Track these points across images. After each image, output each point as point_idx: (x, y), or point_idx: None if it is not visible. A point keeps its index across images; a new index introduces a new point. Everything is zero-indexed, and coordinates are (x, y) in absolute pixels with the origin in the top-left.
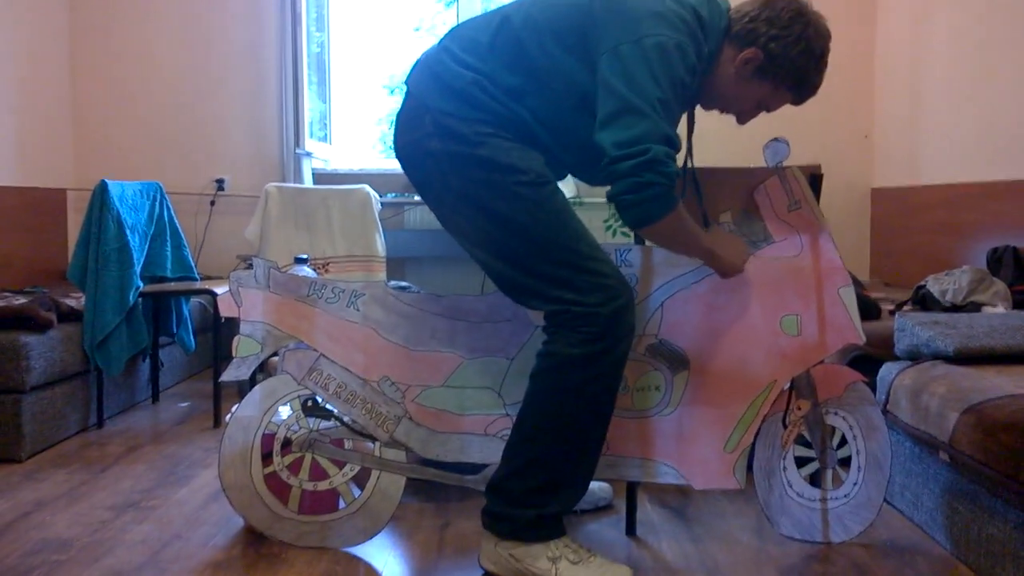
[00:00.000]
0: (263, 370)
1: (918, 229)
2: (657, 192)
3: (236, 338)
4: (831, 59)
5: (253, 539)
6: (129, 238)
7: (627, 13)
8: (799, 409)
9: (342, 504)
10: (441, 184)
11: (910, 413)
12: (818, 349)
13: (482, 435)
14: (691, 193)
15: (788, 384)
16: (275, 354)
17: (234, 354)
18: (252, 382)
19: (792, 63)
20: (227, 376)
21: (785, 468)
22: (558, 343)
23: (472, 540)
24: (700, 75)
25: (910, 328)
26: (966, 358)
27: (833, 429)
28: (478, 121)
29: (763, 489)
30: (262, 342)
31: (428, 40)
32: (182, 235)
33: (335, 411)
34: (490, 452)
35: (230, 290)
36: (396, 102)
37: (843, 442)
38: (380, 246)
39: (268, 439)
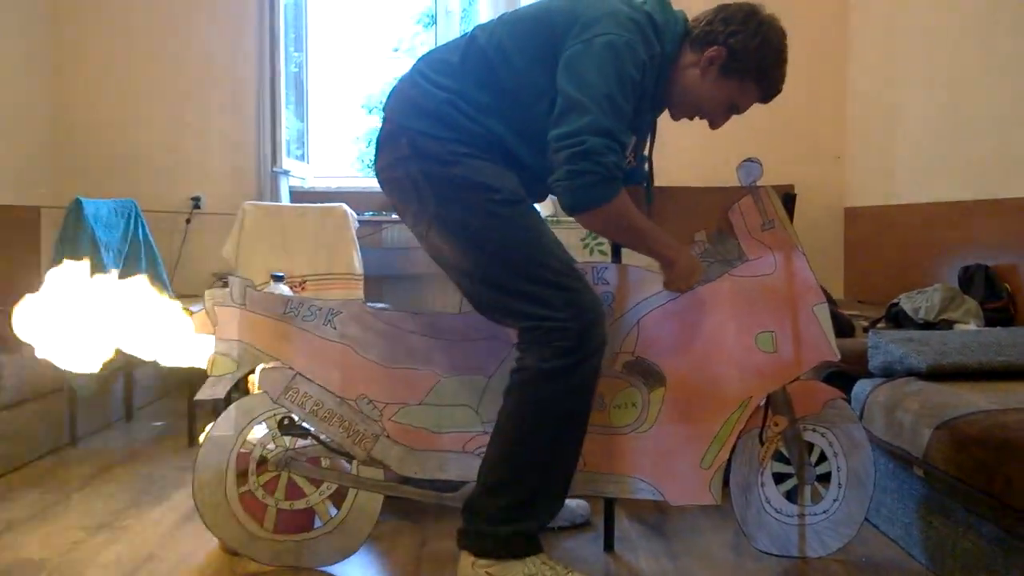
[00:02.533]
0: (239, 389)
1: (891, 247)
2: (589, 180)
3: (211, 356)
4: (805, 79)
5: (228, 560)
6: (104, 256)
7: (582, 17)
8: (776, 425)
9: (318, 523)
10: (418, 203)
11: (884, 429)
12: (793, 366)
13: (460, 452)
14: (641, 201)
15: (764, 401)
16: (252, 372)
17: (209, 372)
18: (227, 401)
19: (753, 56)
20: (202, 395)
21: (763, 484)
22: (530, 357)
23: (450, 559)
24: (657, 78)
25: (884, 345)
26: (939, 375)
27: (811, 446)
28: (452, 140)
29: (740, 505)
30: (237, 360)
31: (406, 61)
32: (157, 253)
33: (311, 429)
34: (468, 469)
35: (205, 308)
36: (374, 122)
37: (823, 458)
38: (358, 264)
39: (243, 458)
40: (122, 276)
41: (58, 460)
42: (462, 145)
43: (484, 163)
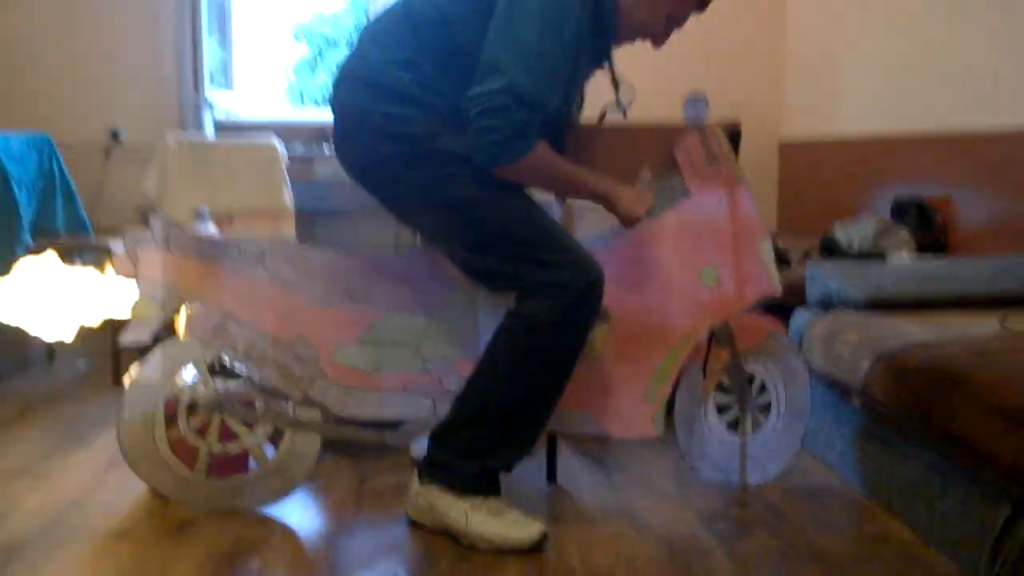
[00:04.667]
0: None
1: (825, 182)
2: (497, 137)
3: (134, 299)
4: (743, 10)
5: (158, 505)
6: (16, 193)
7: None
8: (718, 359)
9: (254, 465)
10: (401, 187)
11: (822, 360)
12: (737, 301)
13: (400, 391)
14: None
15: (708, 334)
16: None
17: (132, 316)
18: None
19: None
20: (125, 339)
21: (705, 415)
22: (530, 306)
23: (390, 496)
24: (597, 19)
25: (821, 277)
26: (876, 306)
27: (752, 377)
28: (425, 121)
29: (683, 436)
30: (162, 303)
31: None
32: (74, 189)
33: (244, 371)
34: (409, 408)
35: (126, 250)
36: (303, 50)
37: (763, 389)
38: (288, 199)
39: (171, 403)
40: (38, 214)
41: None
42: (434, 123)
43: (459, 136)
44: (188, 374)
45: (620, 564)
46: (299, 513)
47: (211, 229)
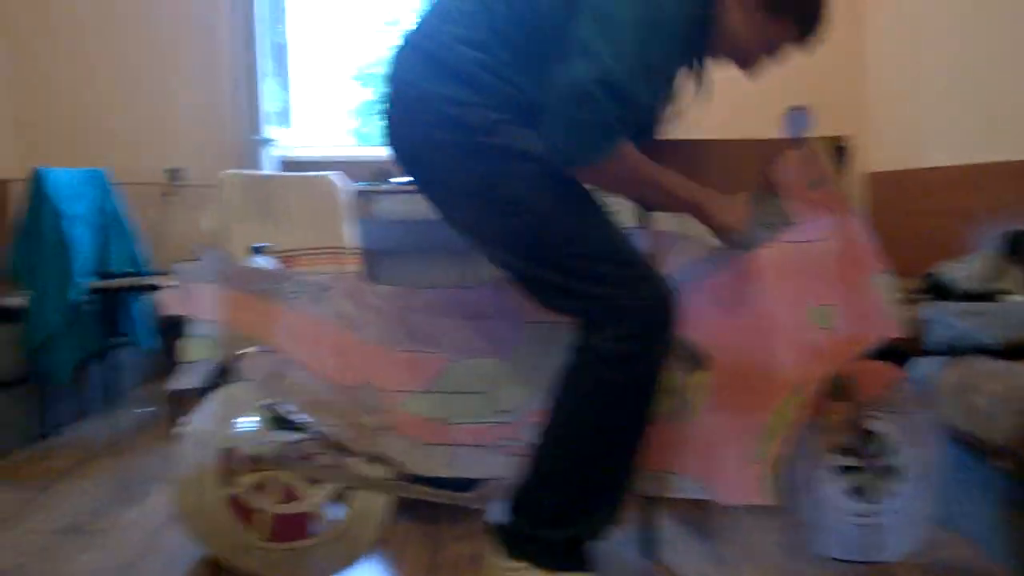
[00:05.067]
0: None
1: (922, 214)
2: (581, 132)
3: (184, 340)
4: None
5: (216, 570)
6: (67, 231)
7: None
8: (836, 413)
9: (317, 529)
10: (451, 179)
11: (955, 415)
12: (853, 343)
13: (474, 446)
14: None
15: (823, 385)
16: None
17: (182, 359)
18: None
19: None
20: (176, 384)
21: (822, 480)
22: (593, 337)
23: (466, 564)
24: (699, 20)
25: (945, 319)
26: (1016, 351)
27: (875, 434)
28: (488, 107)
29: (796, 503)
30: (215, 345)
31: (398, 32)
32: (129, 228)
33: (306, 422)
34: (484, 465)
35: (178, 286)
36: (367, 94)
37: (888, 449)
38: (350, 236)
39: (227, 456)
40: (96, 252)
41: (28, 455)
42: (497, 110)
43: (524, 130)
44: (246, 425)
45: None
46: None
47: (268, 263)
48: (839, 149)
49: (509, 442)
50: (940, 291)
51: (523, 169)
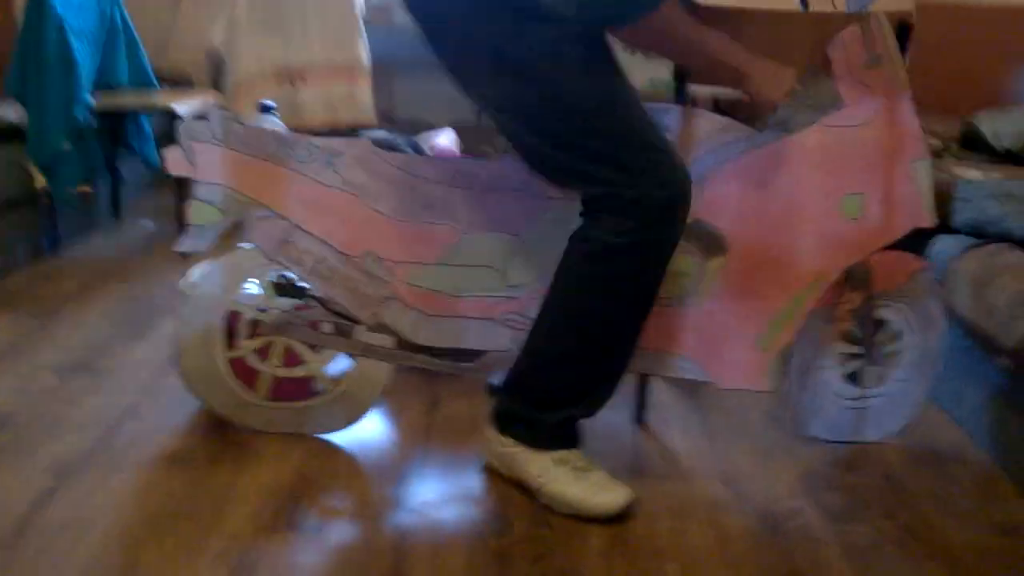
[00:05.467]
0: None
1: (968, 55)
2: None
3: (190, 203)
4: None
5: (217, 421)
6: (75, 46)
7: None
8: (848, 303)
9: (318, 389)
10: (469, 47)
11: (970, 307)
12: (881, 234)
13: (481, 319)
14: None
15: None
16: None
17: (189, 221)
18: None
19: None
20: (184, 246)
21: (823, 367)
22: (600, 228)
23: (463, 424)
24: None
25: (977, 199)
26: None
27: (884, 322)
28: None
29: (795, 388)
30: (222, 208)
31: None
32: (138, 39)
33: (310, 290)
34: (490, 337)
35: (180, 144)
36: None
37: (894, 337)
38: (364, 53)
39: (232, 319)
40: (100, 67)
41: (36, 273)
42: None
43: None
44: (251, 289)
45: (716, 545)
46: (365, 442)
47: (277, 124)
48: (903, 26)
49: (516, 316)
50: (976, 144)
51: (543, 33)
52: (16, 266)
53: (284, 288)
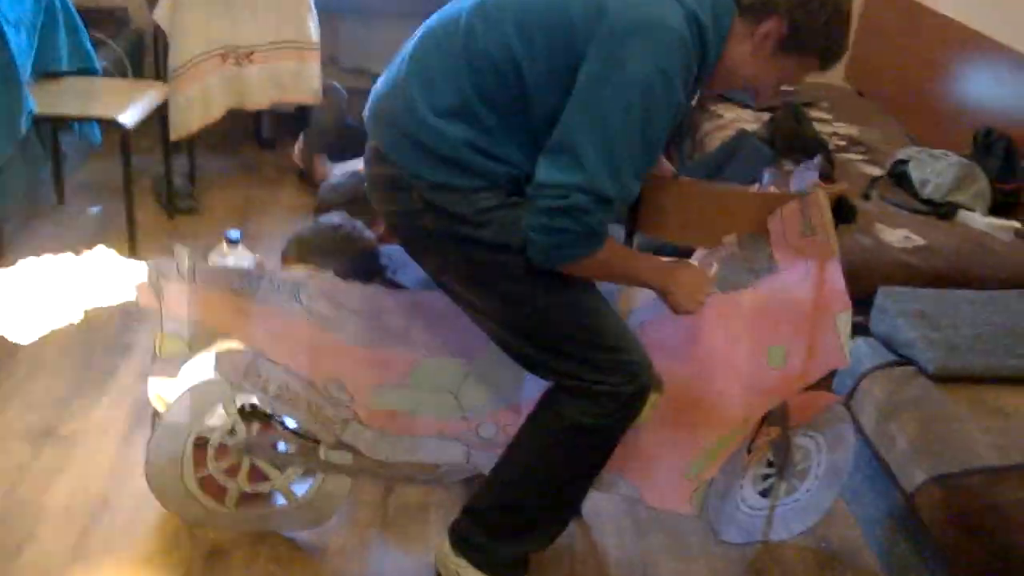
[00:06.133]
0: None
1: (914, 51)
2: (566, 239)
3: (158, 335)
4: None
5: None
6: (12, 41)
7: (611, 18)
8: (767, 435)
9: (284, 501)
10: (440, 260)
11: (876, 432)
12: (801, 378)
13: (436, 436)
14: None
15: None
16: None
17: (158, 353)
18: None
19: (819, 32)
20: (155, 375)
21: (741, 487)
22: (570, 408)
23: (418, 513)
24: (691, 86)
25: (891, 318)
26: (946, 378)
27: (796, 448)
28: (475, 190)
29: (714, 506)
30: (189, 341)
31: None
32: (76, 16)
33: (274, 413)
34: (443, 453)
35: (149, 281)
36: None
37: (805, 459)
38: (313, 28)
39: (200, 443)
40: (39, 54)
41: None
42: (488, 195)
43: (515, 211)
44: (216, 414)
45: None
46: (324, 535)
47: (242, 259)
48: (842, 203)
49: (470, 434)
50: (902, 183)
51: (515, 261)
52: None
53: (249, 413)
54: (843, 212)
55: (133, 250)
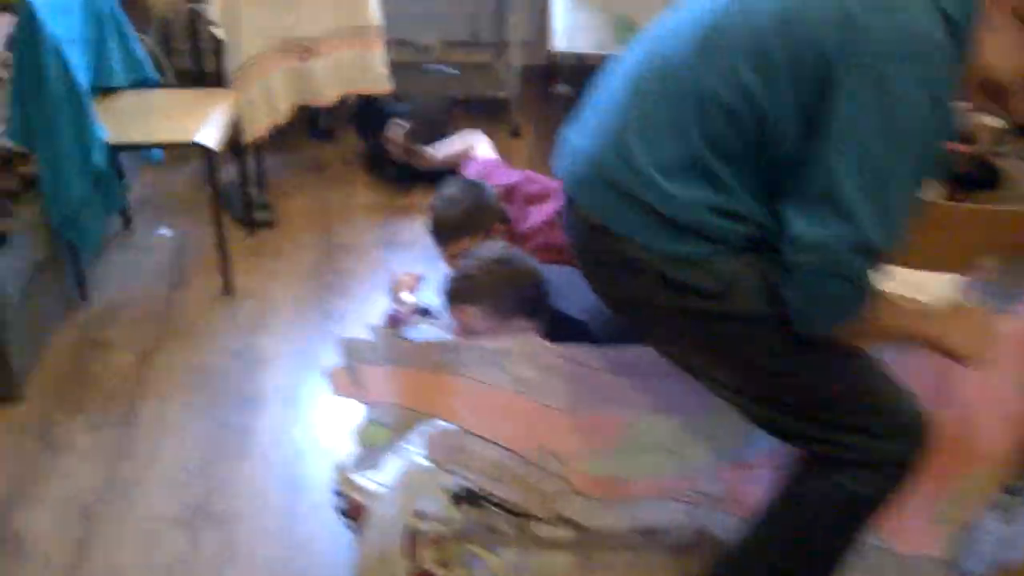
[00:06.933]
0: None
1: None
2: (837, 304)
3: (362, 424)
4: None
5: None
6: (74, 67)
7: (862, 32)
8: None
9: None
10: (673, 334)
11: None
12: None
13: (655, 498)
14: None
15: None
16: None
17: (361, 444)
18: None
19: None
20: (353, 471)
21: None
22: (845, 477)
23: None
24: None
25: None
26: None
27: None
28: (718, 258)
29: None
30: (392, 427)
31: None
32: (125, 21)
33: (486, 494)
34: (662, 515)
35: (346, 367)
36: None
37: None
38: (377, 12)
39: (412, 537)
40: (96, 70)
41: (76, 341)
42: (725, 259)
43: (758, 275)
44: (428, 505)
45: None
46: None
47: (438, 330)
48: None
49: (690, 492)
50: None
51: (761, 331)
52: (55, 327)
53: (461, 497)
54: None
55: (227, 279)
